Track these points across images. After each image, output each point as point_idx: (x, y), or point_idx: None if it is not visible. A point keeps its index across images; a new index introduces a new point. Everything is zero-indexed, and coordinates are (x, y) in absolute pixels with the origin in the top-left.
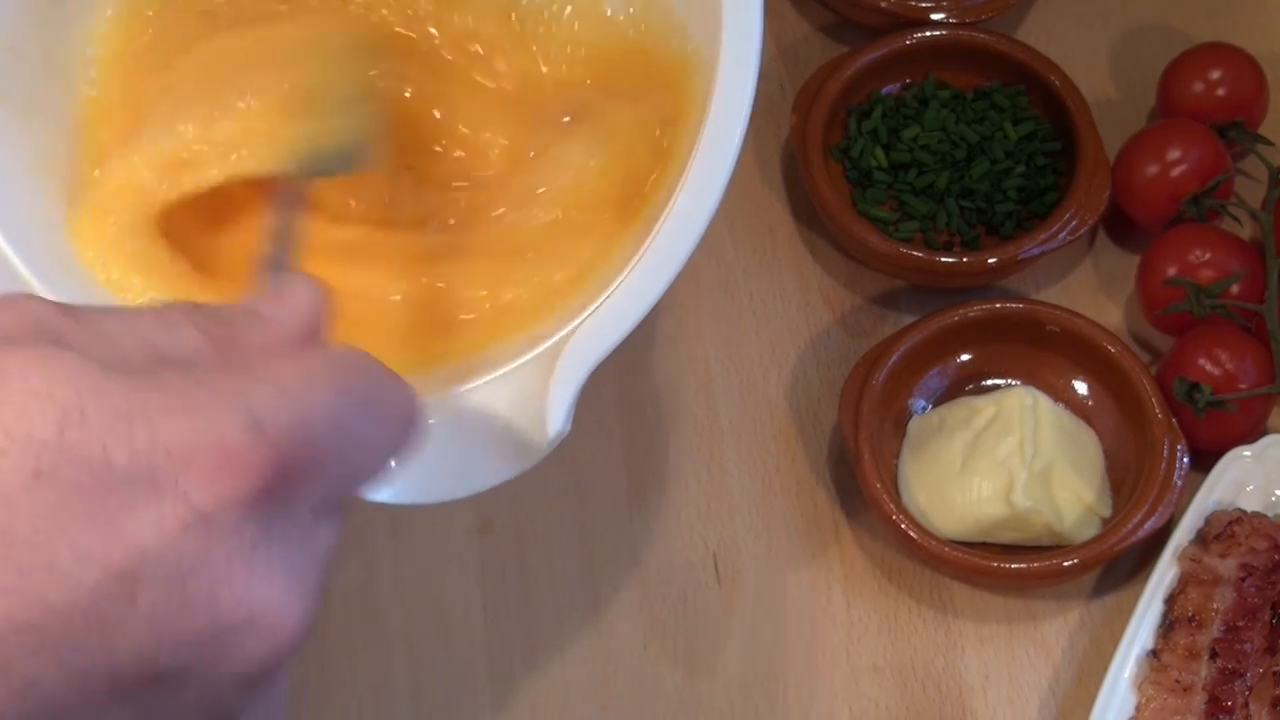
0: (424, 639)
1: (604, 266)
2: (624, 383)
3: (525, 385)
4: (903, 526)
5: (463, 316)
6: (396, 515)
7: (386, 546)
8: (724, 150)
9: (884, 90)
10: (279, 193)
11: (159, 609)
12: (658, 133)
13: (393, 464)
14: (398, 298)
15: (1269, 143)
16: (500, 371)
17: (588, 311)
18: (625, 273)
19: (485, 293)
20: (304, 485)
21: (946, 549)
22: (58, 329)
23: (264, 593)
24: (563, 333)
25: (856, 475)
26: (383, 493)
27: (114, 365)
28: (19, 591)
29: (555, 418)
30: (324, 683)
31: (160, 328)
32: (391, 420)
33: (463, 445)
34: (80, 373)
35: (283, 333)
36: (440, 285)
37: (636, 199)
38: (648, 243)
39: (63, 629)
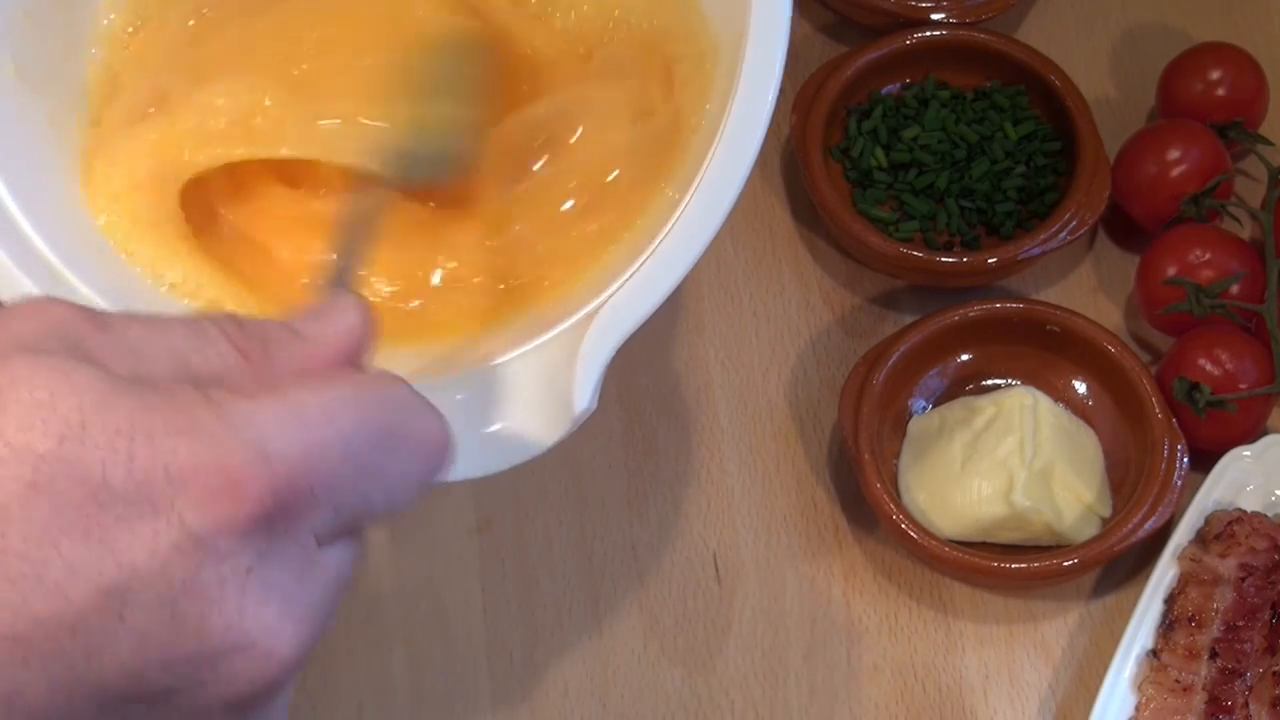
0: (424, 639)
1: (633, 237)
2: (624, 382)
3: (552, 361)
4: (903, 526)
5: (498, 286)
6: (396, 515)
7: (386, 546)
8: (754, 119)
9: (884, 90)
10: (357, 195)
11: (147, 628)
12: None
13: (417, 495)
14: (430, 273)
15: (1269, 143)
16: (527, 347)
17: (614, 288)
18: (653, 246)
19: (527, 259)
20: (309, 514)
21: (946, 549)
22: (82, 339)
23: (256, 619)
24: (588, 309)
25: (856, 475)
26: None
27: (129, 380)
28: (8, 602)
29: (583, 393)
30: (324, 683)
31: (192, 340)
32: (417, 452)
33: (490, 422)
34: (87, 386)
35: (319, 356)
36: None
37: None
38: (676, 215)
39: (50, 642)
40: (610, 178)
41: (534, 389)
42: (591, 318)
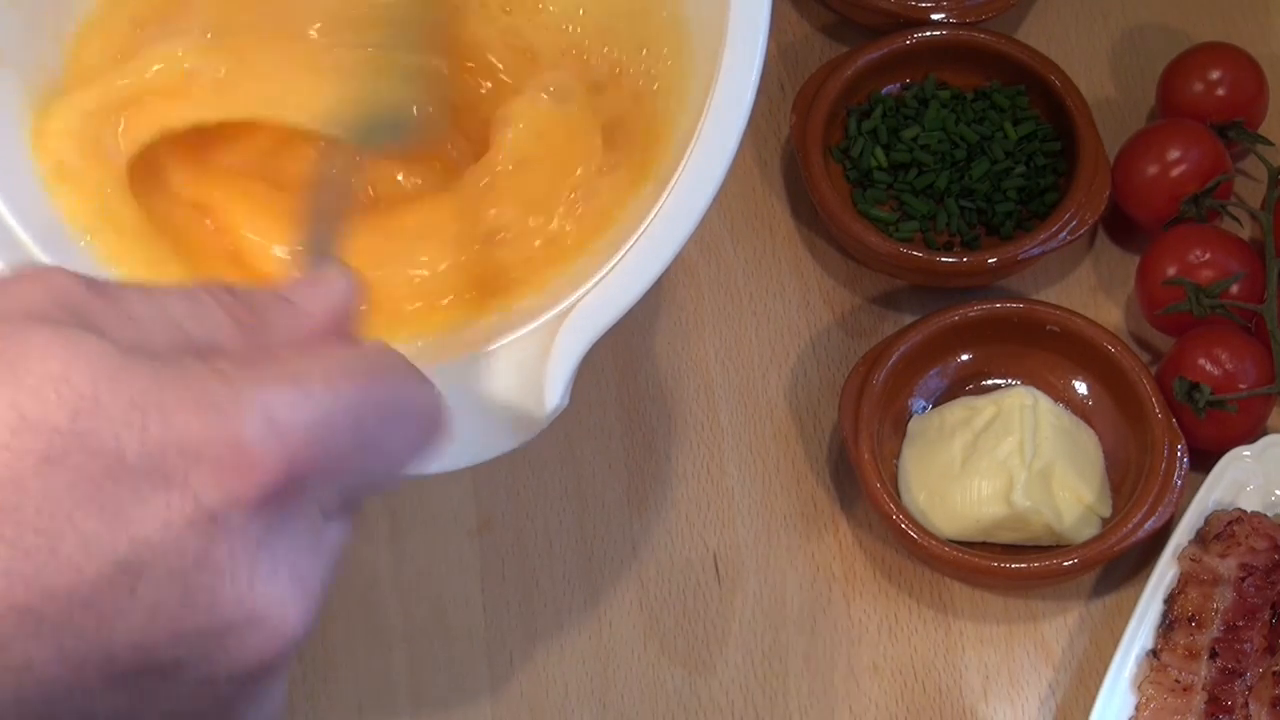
0: (424, 639)
1: (610, 232)
2: (624, 382)
3: (525, 357)
4: (903, 526)
5: (469, 281)
6: (396, 515)
7: (386, 546)
8: (732, 118)
9: (884, 90)
10: (327, 162)
11: (159, 602)
12: (655, 87)
13: (414, 467)
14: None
15: (1269, 143)
16: (501, 341)
17: (589, 284)
18: (630, 243)
19: (489, 243)
20: (316, 486)
21: (946, 549)
22: (85, 308)
23: (266, 593)
24: (563, 305)
25: (856, 475)
26: None
27: (137, 350)
28: (21, 574)
29: (553, 391)
30: (324, 683)
31: (189, 310)
32: (414, 424)
33: (459, 416)
34: (100, 358)
35: (312, 323)
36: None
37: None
38: (654, 210)
39: (62, 614)
40: (583, 174)
41: (506, 385)
42: (565, 315)
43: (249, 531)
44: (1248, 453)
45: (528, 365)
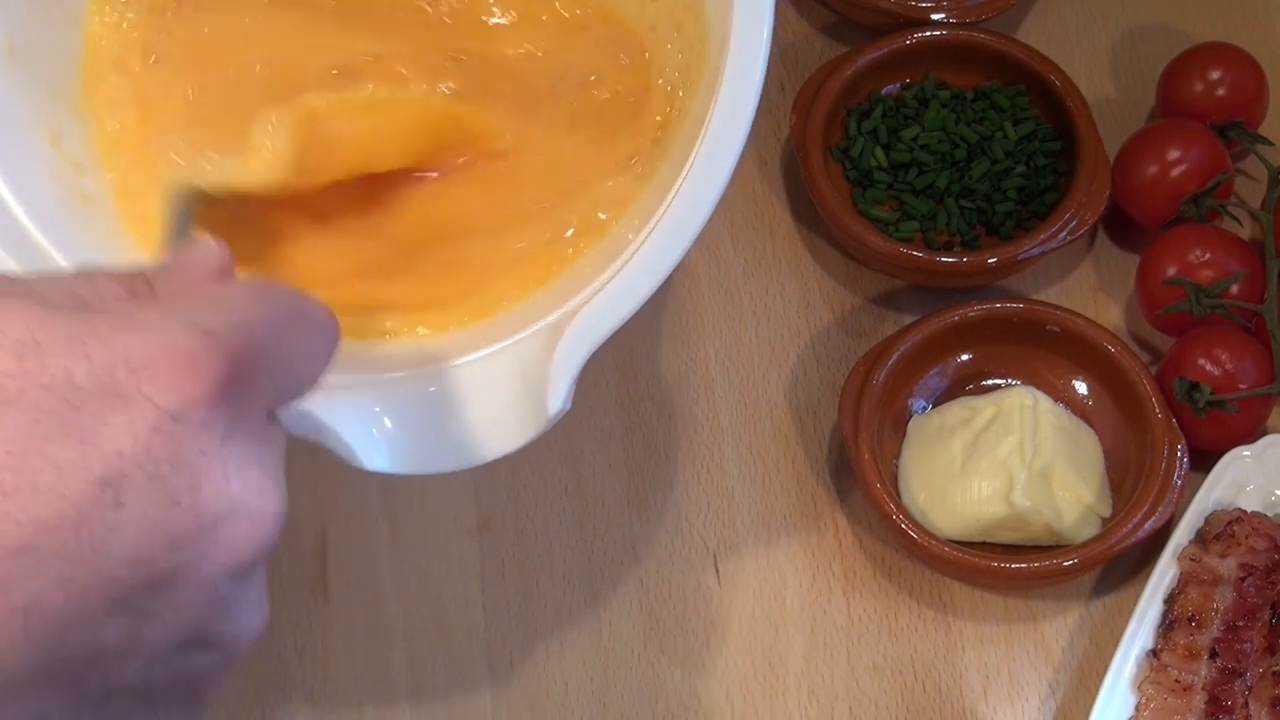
0: (424, 639)
1: (614, 237)
2: (624, 383)
3: (527, 359)
4: (903, 526)
5: (469, 276)
6: (397, 516)
7: (386, 547)
8: (735, 126)
9: (884, 90)
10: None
11: (145, 511)
12: (659, 81)
13: (322, 379)
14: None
15: (1269, 143)
16: (503, 344)
17: (593, 287)
18: (635, 247)
19: (493, 243)
20: (255, 385)
21: (946, 549)
22: None
23: (242, 482)
24: (566, 307)
25: (856, 475)
26: (379, 461)
27: (53, 306)
28: (9, 514)
29: (556, 394)
30: (324, 683)
31: (84, 284)
32: (317, 325)
33: (461, 417)
34: (25, 309)
35: (196, 275)
36: (443, 243)
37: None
38: (658, 216)
39: (56, 545)
40: (585, 179)
41: (508, 388)
42: (567, 319)
43: (212, 428)
44: (1248, 453)
45: (530, 369)
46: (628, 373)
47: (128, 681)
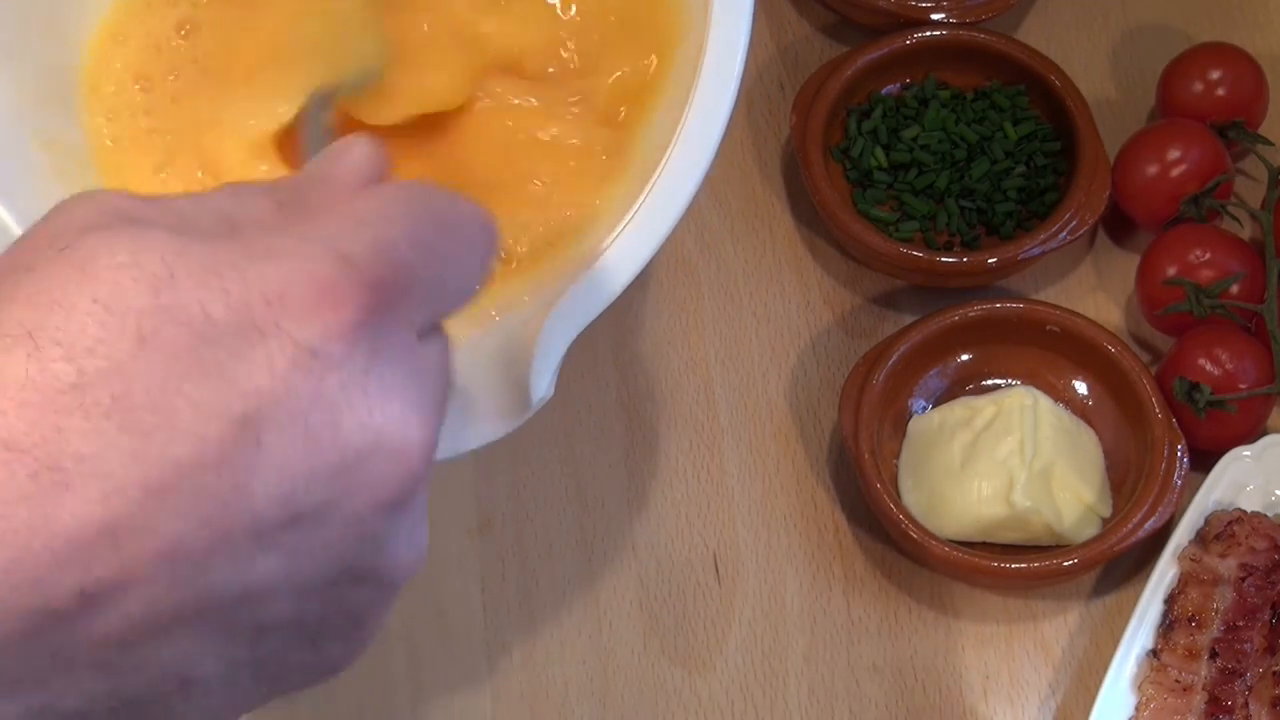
0: (424, 639)
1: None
2: (624, 383)
3: (511, 346)
4: (903, 526)
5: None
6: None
7: None
8: (717, 108)
9: (884, 90)
10: (305, 121)
11: (286, 449)
12: (645, 61)
13: (484, 274)
14: None
15: (1269, 143)
16: (485, 331)
17: (575, 273)
18: (616, 233)
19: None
20: (401, 306)
21: (946, 549)
22: (133, 212)
23: (384, 415)
24: (548, 293)
25: (856, 475)
26: None
27: (191, 233)
28: (147, 455)
29: (540, 381)
30: (324, 682)
31: (232, 201)
32: (471, 231)
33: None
34: (161, 241)
35: (346, 184)
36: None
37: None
38: (640, 200)
39: (197, 485)
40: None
41: (491, 374)
42: (550, 304)
43: (353, 361)
44: (1248, 453)
45: (514, 354)
46: (628, 373)
47: (282, 618)
